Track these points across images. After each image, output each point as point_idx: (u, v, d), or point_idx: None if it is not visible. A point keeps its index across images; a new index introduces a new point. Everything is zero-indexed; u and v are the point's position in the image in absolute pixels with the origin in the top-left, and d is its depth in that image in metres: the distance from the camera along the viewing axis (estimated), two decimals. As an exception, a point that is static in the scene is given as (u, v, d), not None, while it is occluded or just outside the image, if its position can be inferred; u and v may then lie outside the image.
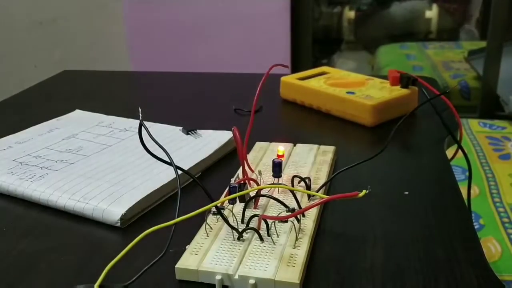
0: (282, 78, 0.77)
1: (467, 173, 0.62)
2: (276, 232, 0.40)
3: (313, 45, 2.13)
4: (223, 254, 0.38)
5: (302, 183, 0.47)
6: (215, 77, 0.95)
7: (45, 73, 0.98)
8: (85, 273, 0.39)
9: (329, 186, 0.50)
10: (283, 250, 0.38)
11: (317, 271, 0.38)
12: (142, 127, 0.37)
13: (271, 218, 0.40)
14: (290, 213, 0.40)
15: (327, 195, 0.48)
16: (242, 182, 0.45)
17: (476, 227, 1.15)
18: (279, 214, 0.41)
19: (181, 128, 0.63)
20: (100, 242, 0.44)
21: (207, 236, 0.41)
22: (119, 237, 0.44)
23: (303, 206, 0.43)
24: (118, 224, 0.45)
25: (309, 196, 0.46)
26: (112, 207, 0.45)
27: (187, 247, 0.39)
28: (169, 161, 0.39)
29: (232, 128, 0.45)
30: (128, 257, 0.35)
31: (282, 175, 0.48)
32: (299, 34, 2.06)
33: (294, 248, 0.39)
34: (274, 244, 0.39)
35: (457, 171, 1.30)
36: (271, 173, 0.47)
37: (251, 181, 0.47)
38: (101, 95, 0.85)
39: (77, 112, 0.72)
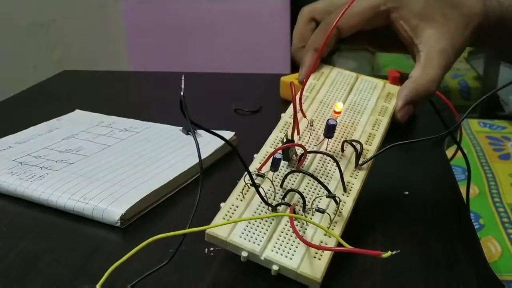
0: (282, 78, 0.77)
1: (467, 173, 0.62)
2: (312, 210, 0.39)
3: (313, 45, 2.13)
4: (254, 227, 0.37)
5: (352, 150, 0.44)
6: (215, 77, 0.95)
7: (45, 73, 0.98)
8: (85, 273, 0.39)
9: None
10: (313, 235, 0.37)
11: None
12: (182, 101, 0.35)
13: (297, 217, 0.38)
14: (329, 198, 0.39)
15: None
16: (288, 147, 0.42)
17: (476, 227, 1.15)
18: (315, 197, 0.40)
19: (181, 128, 0.63)
20: (100, 242, 0.44)
21: (243, 198, 0.39)
22: (119, 237, 0.44)
23: (347, 176, 0.42)
24: (118, 224, 0.45)
25: (356, 164, 0.43)
26: (112, 207, 0.45)
27: (221, 204, 0.39)
28: (211, 130, 0.37)
29: (290, 82, 0.44)
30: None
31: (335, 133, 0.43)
32: (299, 34, 2.06)
33: (325, 235, 0.38)
34: (307, 225, 0.38)
35: (457, 171, 1.30)
36: (323, 130, 0.43)
37: (297, 147, 0.42)
38: (101, 95, 0.85)
39: (77, 112, 0.72)
